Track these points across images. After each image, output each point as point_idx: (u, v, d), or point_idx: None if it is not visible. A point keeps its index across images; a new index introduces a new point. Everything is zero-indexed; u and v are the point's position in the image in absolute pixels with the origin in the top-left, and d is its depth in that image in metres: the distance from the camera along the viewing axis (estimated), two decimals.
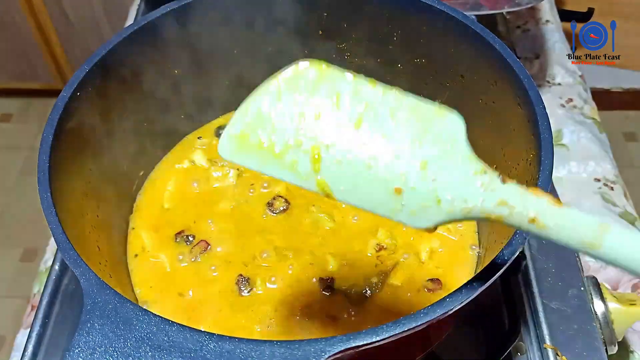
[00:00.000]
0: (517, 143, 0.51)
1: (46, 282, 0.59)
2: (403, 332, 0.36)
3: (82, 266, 0.41)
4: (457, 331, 0.55)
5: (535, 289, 0.58)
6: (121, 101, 0.58)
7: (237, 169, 0.63)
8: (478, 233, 0.58)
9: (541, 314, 0.56)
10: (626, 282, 0.68)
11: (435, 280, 0.55)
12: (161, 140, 0.66)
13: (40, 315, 0.57)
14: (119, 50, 0.55)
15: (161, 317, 0.37)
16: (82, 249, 0.43)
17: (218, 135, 0.68)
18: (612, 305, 0.56)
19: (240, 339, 0.36)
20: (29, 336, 0.56)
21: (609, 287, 0.60)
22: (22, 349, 0.55)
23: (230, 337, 0.36)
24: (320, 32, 0.64)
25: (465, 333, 0.58)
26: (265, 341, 0.36)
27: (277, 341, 0.36)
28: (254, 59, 0.64)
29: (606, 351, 0.55)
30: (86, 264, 0.41)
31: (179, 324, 0.37)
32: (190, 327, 0.37)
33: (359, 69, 0.33)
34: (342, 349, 0.35)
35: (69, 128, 0.50)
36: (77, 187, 0.51)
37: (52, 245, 0.76)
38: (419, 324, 0.37)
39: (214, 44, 0.62)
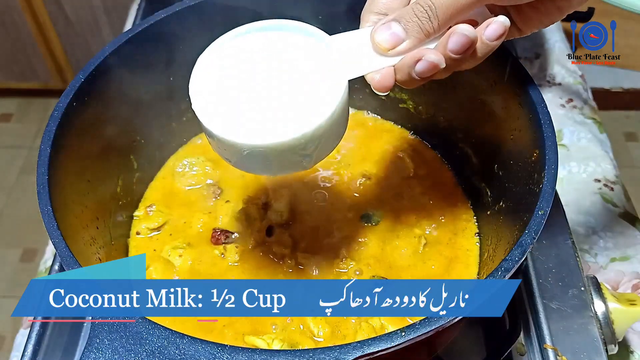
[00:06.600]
0: (519, 142, 0.51)
1: None
2: (418, 336, 0.36)
3: None
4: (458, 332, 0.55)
5: (536, 289, 0.58)
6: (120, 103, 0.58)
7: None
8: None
9: (541, 314, 0.56)
10: (626, 282, 0.68)
11: None
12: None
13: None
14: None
15: (171, 330, 0.37)
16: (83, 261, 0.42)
17: None
18: (612, 305, 0.56)
19: (254, 350, 0.36)
20: (29, 336, 0.56)
21: (609, 287, 0.60)
22: (22, 349, 0.55)
23: (243, 348, 0.36)
24: None
25: (465, 333, 0.58)
26: (279, 351, 0.36)
27: (290, 350, 0.36)
28: None
29: (606, 351, 0.55)
30: None
31: (190, 336, 0.36)
32: (202, 340, 0.36)
33: None
34: (357, 356, 0.35)
35: (69, 133, 0.50)
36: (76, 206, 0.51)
37: (51, 246, 0.76)
38: (432, 328, 0.37)
39: None
